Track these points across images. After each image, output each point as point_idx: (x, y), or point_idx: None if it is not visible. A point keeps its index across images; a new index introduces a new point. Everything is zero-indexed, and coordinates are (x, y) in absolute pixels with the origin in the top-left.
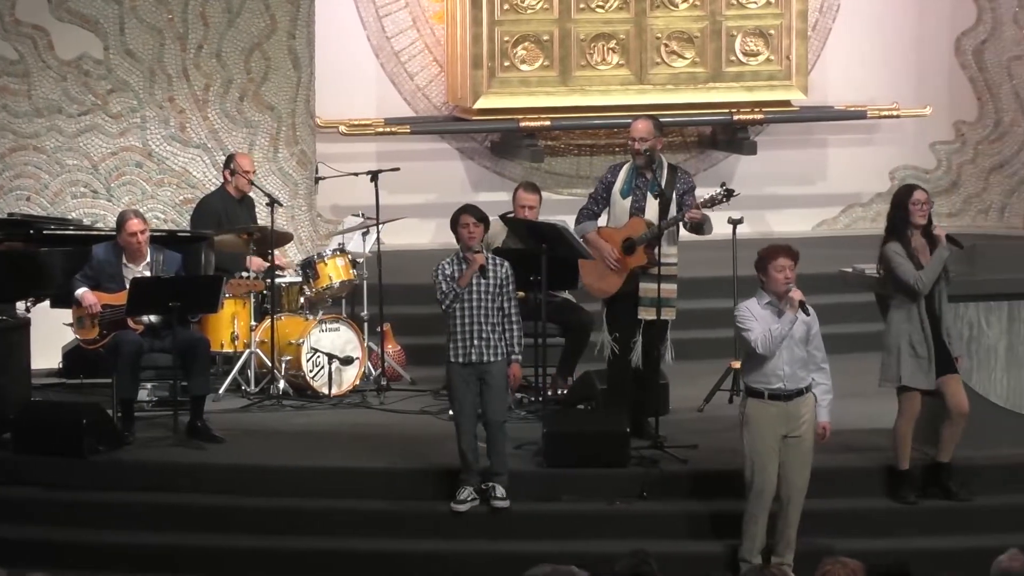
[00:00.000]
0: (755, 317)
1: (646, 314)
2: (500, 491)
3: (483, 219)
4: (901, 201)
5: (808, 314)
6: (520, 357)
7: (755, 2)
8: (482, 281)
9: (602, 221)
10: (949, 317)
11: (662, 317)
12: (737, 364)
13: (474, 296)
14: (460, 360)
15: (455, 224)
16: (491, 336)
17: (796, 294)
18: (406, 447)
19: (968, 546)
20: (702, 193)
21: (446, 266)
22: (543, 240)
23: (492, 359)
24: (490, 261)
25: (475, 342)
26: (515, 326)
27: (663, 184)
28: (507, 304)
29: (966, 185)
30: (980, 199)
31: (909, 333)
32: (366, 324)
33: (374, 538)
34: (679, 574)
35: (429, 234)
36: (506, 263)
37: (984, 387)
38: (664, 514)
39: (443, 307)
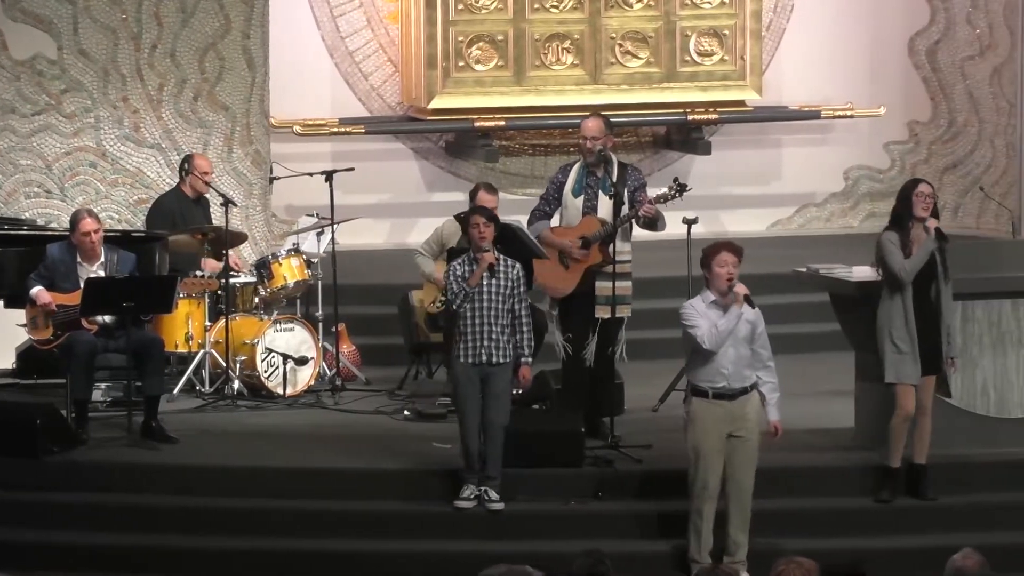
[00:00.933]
0: (700, 315)
1: (602, 312)
2: (494, 494)
3: (493, 219)
4: (905, 192)
5: (753, 307)
6: (531, 359)
7: (709, 2)
8: (492, 281)
9: (554, 222)
10: (952, 316)
11: (617, 315)
12: None
13: (484, 297)
14: (469, 360)
15: (466, 224)
16: (500, 338)
17: (741, 288)
18: (361, 447)
19: (922, 545)
20: (655, 190)
21: (457, 267)
22: (499, 240)
23: (499, 361)
24: (501, 262)
25: (484, 343)
26: (525, 328)
27: (615, 182)
28: (517, 306)
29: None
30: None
31: (892, 328)
32: (321, 324)
33: (329, 538)
34: (633, 574)
35: (384, 234)
36: (518, 264)
37: (939, 387)
38: (618, 514)
39: (453, 307)
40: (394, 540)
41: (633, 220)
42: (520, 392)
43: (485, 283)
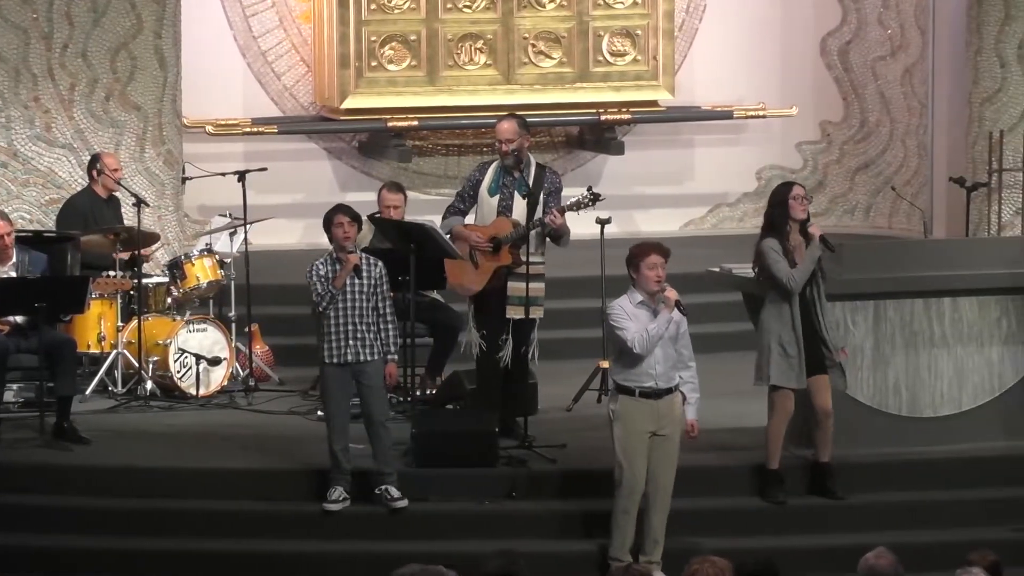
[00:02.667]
0: (629, 316)
1: (514, 313)
2: (394, 491)
3: (357, 218)
4: (781, 197)
5: (685, 313)
6: (396, 357)
7: (622, 2)
8: (356, 281)
9: (469, 219)
10: (828, 313)
11: (530, 316)
12: (605, 364)
13: (348, 296)
14: (335, 361)
15: (328, 224)
16: (366, 336)
17: (672, 293)
18: (275, 447)
19: (835, 544)
20: (568, 195)
21: (320, 266)
22: (411, 240)
23: (368, 359)
24: (364, 261)
25: (350, 342)
26: (390, 325)
27: (531, 183)
28: (382, 304)
29: (832, 185)
30: (846, 199)
31: (780, 332)
32: (234, 324)
33: (243, 538)
34: (549, 574)
35: (297, 234)
36: (380, 262)
37: (851, 386)
38: (533, 514)
39: (318, 308)
40: (308, 540)
41: (539, 228)
42: (431, 392)
43: (349, 283)
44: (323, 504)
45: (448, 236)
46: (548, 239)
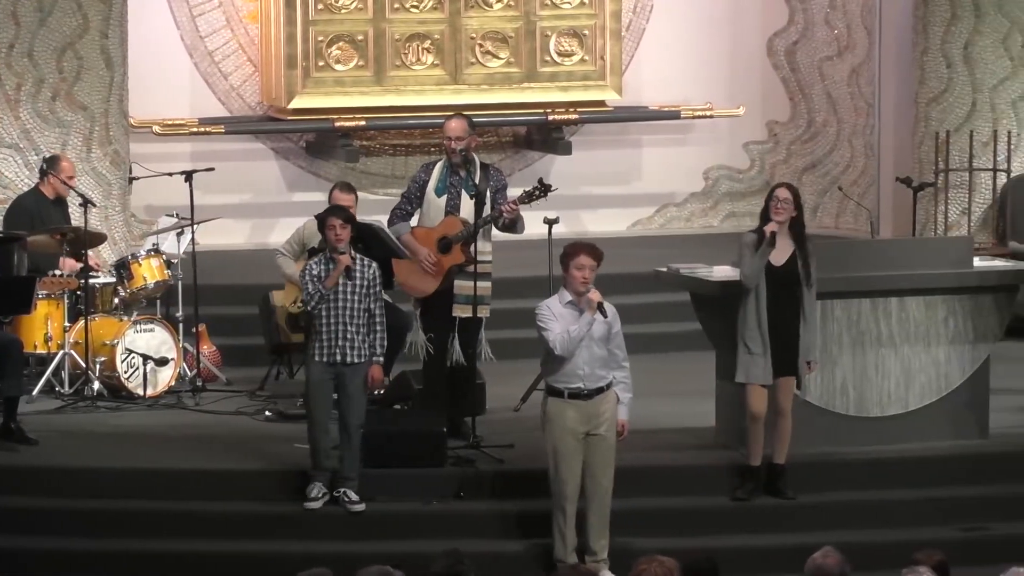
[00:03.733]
0: (555, 316)
1: (461, 311)
2: (353, 495)
3: (350, 220)
4: (768, 196)
5: (606, 316)
6: (382, 359)
7: (569, 2)
8: (348, 282)
9: (415, 221)
10: (812, 322)
11: (477, 315)
12: None
13: (340, 297)
14: (324, 360)
15: (321, 225)
16: (355, 337)
17: (594, 295)
18: (222, 448)
19: (783, 544)
20: (518, 190)
21: (313, 266)
22: (359, 240)
23: (354, 360)
24: (357, 263)
25: (339, 343)
26: (379, 328)
27: (477, 182)
28: (373, 305)
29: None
30: None
31: (743, 328)
32: (181, 325)
33: (190, 539)
34: (497, 574)
35: (244, 234)
36: (374, 264)
37: (802, 386)
38: (481, 514)
39: (309, 308)
40: (255, 541)
41: (493, 222)
42: (379, 393)
43: (341, 283)
44: (304, 503)
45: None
46: (502, 231)
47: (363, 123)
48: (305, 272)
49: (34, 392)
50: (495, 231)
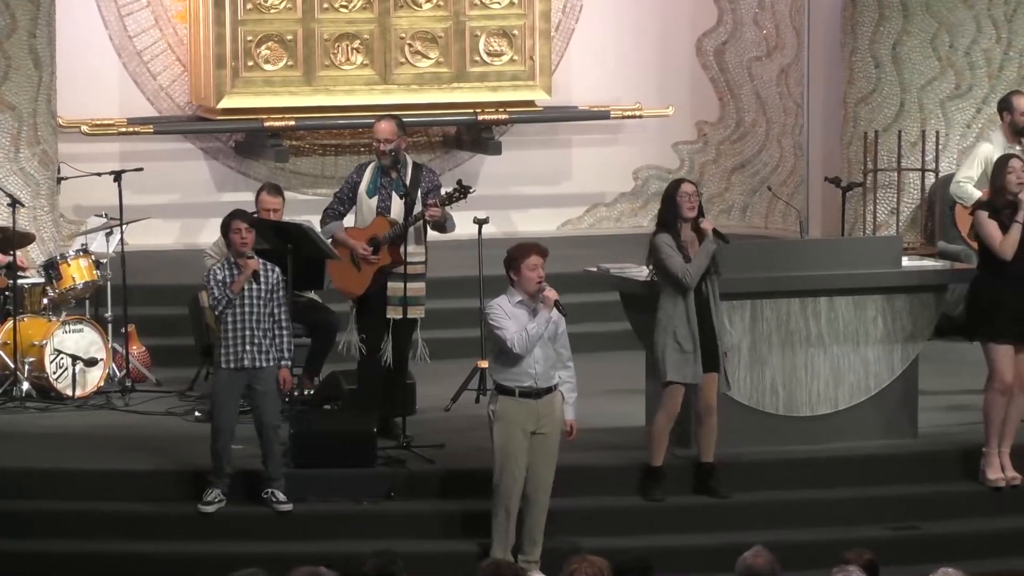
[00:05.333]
0: (508, 315)
1: (394, 313)
2: (280, 495)
3: (255, 224)
4: (670, 193)
5: (564, 313)
6: (290, 362)
7: (498, 2)
8: (254, 286)
9: (348, 221)
10: (722, 313)
11: (410, 316)
12: (484, 364)
13: (246, 302)
14: (231, 365)
15: (226, 229)
16: (263, 341)
17: (551, 293)
18: (152, 448)
19: (714, 543)
20: (443, 191)
21: (217, 271)
22: (288, 240)
23: (263, 364)
24: (262, 267)
25: (247, 347)
26: (285, 331)
27: (408, 183)
28: (278, 309)
29: (708, 185)
30: (722, 199)
31: (675, 327)
32: (110, 325)
33: (121, 540)
34: (429, 574)
35: (173, 234)
36: (277, 268)
37: (730, 385)
38: (412, 513)
39: (215, 313)
40: (186, 542)
41: (419, 222)
42: (308, 393)
43: (247, 288)
44: (199, 506)
45: (330, 242)
46: (433, 230)
47: (292, 123)
48: (210, 277)
49: None
50: (429, 232)
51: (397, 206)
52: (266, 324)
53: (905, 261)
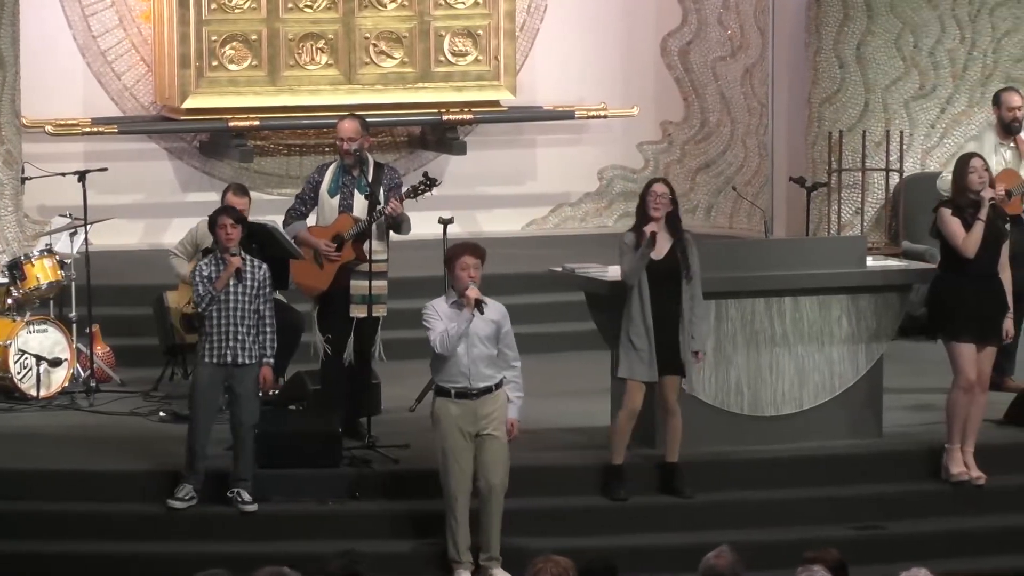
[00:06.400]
0: (440, 316)
1: (357, 311)
2: (246, 495)
3: (241, 220)
4: (642, 192)
5: (483, 313)
6: (272, 360)
7: (463, 2)
8: (238, 283)
9: (311, 221)
10: (697, 313)
11: (373, 314)
12: None
13: (231, 298)
14: (214, 361)
15: (212, 226)
16: (246, 339)
17: (472, 292)
18: (117, 448)
19: (678, 543)
20: (407, 186)
21: (203, 267)
22: (253, 240)
23: (245, 362)
24: (247, 264)
25: (229, 343)
26: (269, 329)
27: (370, 182)
28: (263, 307)
29: (673, 185)
30: (687, 199)
31: (629, 325)
32: (75, 325)
33: (85, 540)
34: (393, 574)
35: (138, 234)
36: (264, 266)
37: (693, 385)
38: (377, 514)
39: (199, 310)
40: (150, 542)
41: (379, 218)
42: (274, 393)
43: (232, 285)
44: (169, 501)
45: (293, 241)
46: (389, 229)
47: (257, 123)
48: (195, 273)
49: None
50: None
51: (360, 205)
52: (250, 321)
53: (869, 261)
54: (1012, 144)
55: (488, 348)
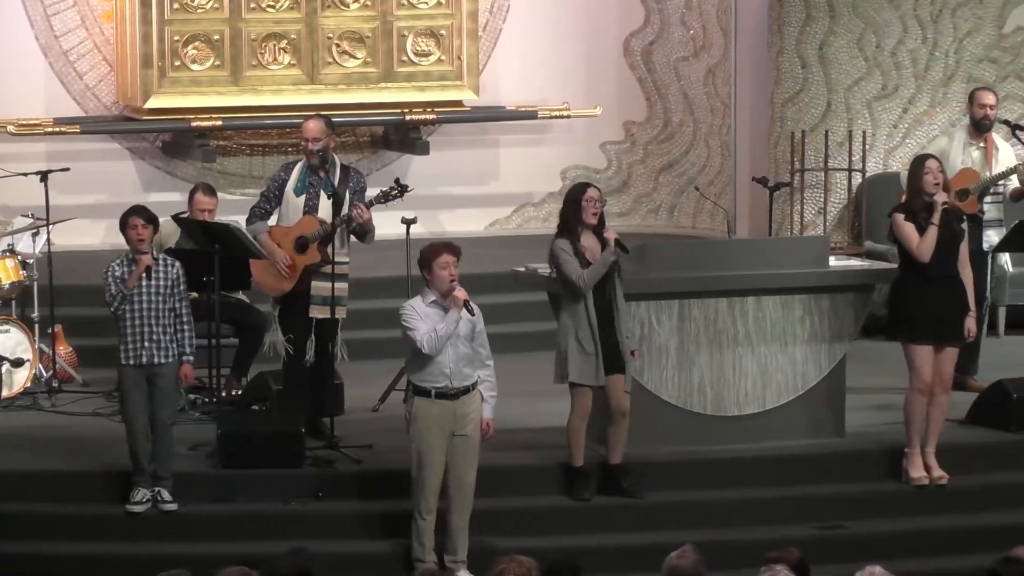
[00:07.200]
0: (420, 316)
1: (318, 312)
2: (166, 494)
3: (152, 220)
4: (574, 198)
5: (472, 313)
6: (192, 357)
7: (426, 2)
8: (151, 282)
9: (274, 220)
10: (625, 314)
11: (335, 316)
12: None
13: (144, 298)
14: (131, 363)
15: (123, 225)
16: (162, 338)
17: (460, 293)
18: (79, 449)
19: (642, 543)
20: (375, 190)
21: (115, 268)
22: (216, 240)
23: (162, 361)
24: (160, 262)
25: (146, 344)
26: (186, 327)
27: (336, 183)
28: (178, 305)
29: (636, 185)
30: (650, 199)
31: (576, 330)
32: (37, 326)
33: (45, 540)
34: (356, 574)
35: (100, 234)
36: (177, 263)
37: (656, 385)
38: (340, 514)
39: (111, 310)
40: (112, 543)
41: (346, 223)
42: (237, 393)
43: (144, 284)
44: (126, 506)
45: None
46: (353, 236)
47: (220, 123)
48: (108, 273)
49: None
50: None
51: (325, 205)
52: (166, 320)
53: (832, 261)
54: (981, 144)
55: (467, 347)
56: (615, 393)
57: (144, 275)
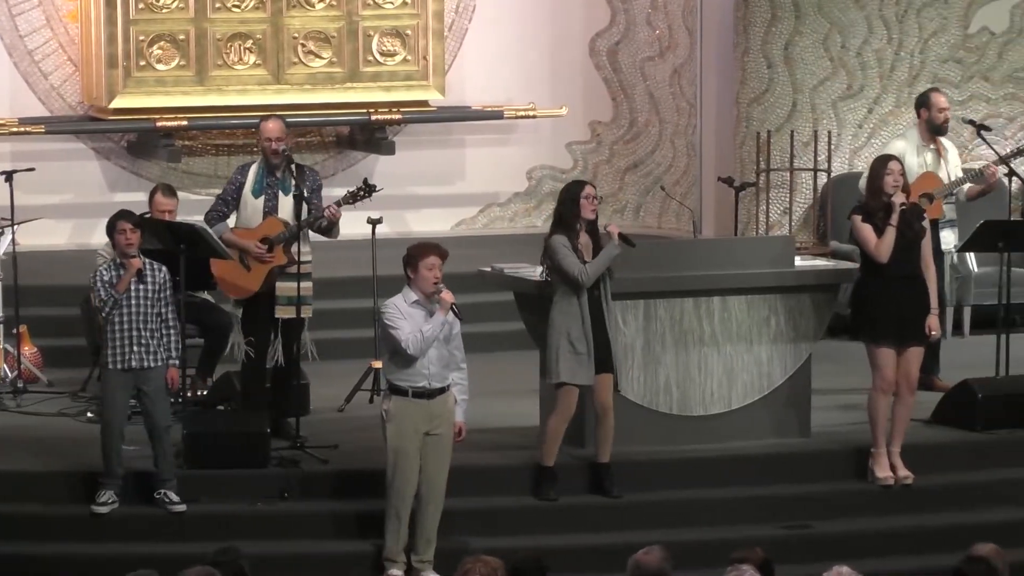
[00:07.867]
0: (404, 315)
1: (284, 313)
2: (173, 496)
3: (139, 225)
4: (572, 195)
5: (460, 317)
6: (178, 361)
7: (391, 2)
8: (140, 287)
9: (231, 222)
10: (613, 313)
11: (301, 316)
12: (378, 364)
13: (133, 302)
14: (119, 367)
15: (111, 230)
16: (150, 342)
17: (448, 296)
18: (44, 449)
19: (607, 543)
20: (341, 190)
21: (104, 272)
22: (181, 240)
23: (151, 365)
24: (147, 266)
25: (134, 348)
26: (172, 331)
27: (295, 183)
28: (165, 309)
29: (602, 185)
30: (616, 199)
31: (569, 329)
32: (2, 326)
33: (11, 541)
34: (323, 574)
35: (65, 235)
36: (164, 268)
37: (622, 385)
38: (306, 514)
39: (103, 315)
40: (78, 543)
41: (315, 223)
42: (202, 393)
43: (133, 288)
44: (91, 507)
45: None
46: (319, 233)
47: (185, 123)
48: (96, 278)
49: None
50: (312, 232)
51: (285, 206)
52: (153, 324)
53: (798, 261)
54: (933, 146)
55: (444, 349)
56: (602, 391)
57: (134, 279)
